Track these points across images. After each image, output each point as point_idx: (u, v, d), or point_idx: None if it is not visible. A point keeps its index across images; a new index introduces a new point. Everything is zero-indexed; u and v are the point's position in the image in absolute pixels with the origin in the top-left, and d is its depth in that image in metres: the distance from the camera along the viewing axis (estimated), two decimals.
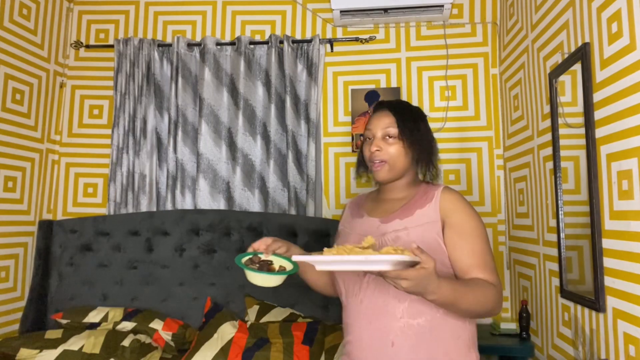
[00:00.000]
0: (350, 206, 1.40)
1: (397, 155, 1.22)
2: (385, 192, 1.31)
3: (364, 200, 1.38)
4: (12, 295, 2.33)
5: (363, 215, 1.29)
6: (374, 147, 1.23)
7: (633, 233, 1.26)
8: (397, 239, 1.16)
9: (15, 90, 2.33)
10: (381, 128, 1.24)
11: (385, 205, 1.27)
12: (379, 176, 1.24)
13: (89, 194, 2.64)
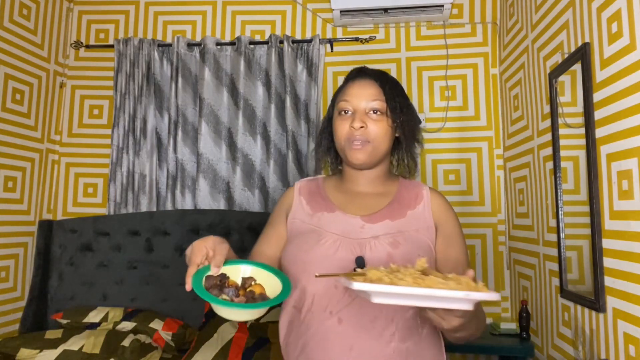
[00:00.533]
0: (303, 193, 1.11)
1: (382, 135, 1.02)
2: (355, 182, 1.09)
3: (323, 188, 1.11)
4: (12, 295, 2.33)
5: (334, 210, 1.04)
6: (358, 123, 1.00)
7: (633, 233, 1.26)
8: (395, 244, 0.96)
9: (15, 90, 2.33)
10: (366, 100, 1.02)
11: (363, 201, 1.06)
12: (358, 158, 1.01)
13: (89, 194, 2.64)
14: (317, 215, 1.04)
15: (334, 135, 1.08)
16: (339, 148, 1.06)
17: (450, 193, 2.46)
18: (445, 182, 2.48)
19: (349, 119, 1.03)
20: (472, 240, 2.42)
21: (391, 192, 1.08)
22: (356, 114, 1.02)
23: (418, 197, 1.07)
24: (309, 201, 1.08)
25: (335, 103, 1.08)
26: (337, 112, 1.06)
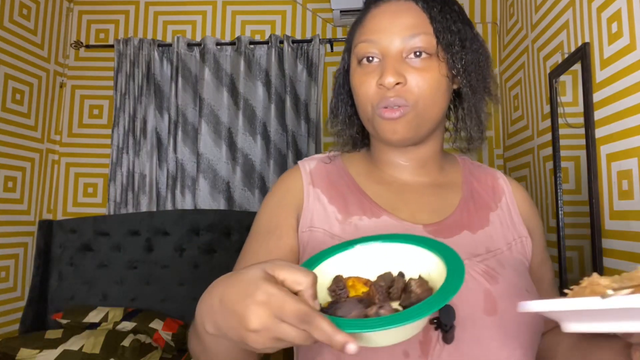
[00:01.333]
0: (318, 182, 0.72)
1: (434, 92, 0.65)
2: (396, 167, 0.73)
3: (349, 175, 0.74)
4: (12, 295, 2.33)
5: (379, 213, 0.67)
6: (391, 77, 0.63)
7: (633, 233, 1.26)
8: (492, 276, 0.61)
9: (15, 90, 2.32)
10: (401, 35, 0.65)
11: (418, 197, 0.71)
12: (397, 132, 0.65)
13: (89, 194, 2.64)
14: (352, 222, 0.66)
15: (353, 97, 0.71)
16: (362, 116, 0.70)
17: None
18: None
19: (375, 71, 0.66)
20: None
21: (455, 183, 0.74)
22: (387, 62, 0.65)
23: (496, 190, 0.75)
24: (333, 197, 0.69)
25: (352, 46, 0.70)
26: (355, 60, 0.69)
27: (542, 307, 0.44)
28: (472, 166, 0.80)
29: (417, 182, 0.73)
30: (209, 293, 0.45)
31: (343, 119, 0.78)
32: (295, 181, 0.73)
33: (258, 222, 0.72)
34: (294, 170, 0.75)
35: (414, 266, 0.54)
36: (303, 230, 0.68)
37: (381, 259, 0.55)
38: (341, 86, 0.78)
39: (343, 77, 0.77)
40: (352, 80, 0.70)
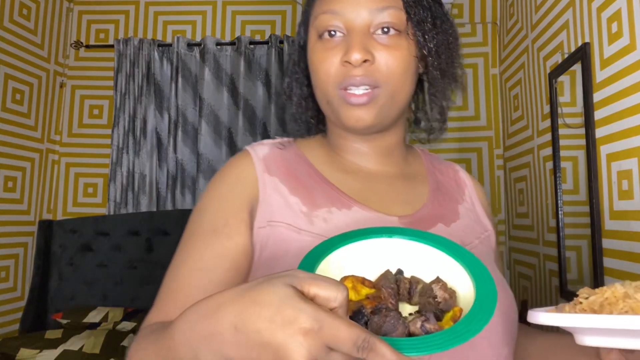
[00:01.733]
0: (274, 169, 0.63)
1: (402, 71, 0.59)
2: (359, 155, 0.67)
3: (309, 166, 0.65)
4: (12, 295, 2.33)
5: (349, 204, 0.60)
6: (358, 53, 0.56)
7: (633, 233, 1.26)
8: None
9: (15, 90, 2.32)
10: (369, 8, 0.58)
11: (387, 186, 0.66)
12: (361, 119, 0.59)
13: (89, 194, 2.64)
14: (320, 215, 0.58)
15: (311, 76, 0.63)
16: (320, 98, 0.62)
17: None
18: None
19: (339, 47, 0.59)
20: None
21: (420, 174, 0.71)
22: (353, 36, 0.57)
23: (459, 183, 0.73)
24: (294, 186, 0.61)
25: (311, 18, 0.62)
26: (314, 34, 0.61)
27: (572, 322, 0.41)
28: (432, 158, 0.77)
29: (384, 172, 0.67)
30: (210, 316, 0.35)
31: (298, 101, 0.70)
32: (246, 169, 0.62)
33: (199, 218, 0.60)
34: (242, 157, 0.64)
35: (415, 264, 0.50)
36: (260, 226, 0.58)
37: (376, 255, 0.50)
38: (296, 64, 0.69)
39: (298, 54, 0.68)
40: (311, 57, 0.61)
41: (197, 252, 0.57)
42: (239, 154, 0.66)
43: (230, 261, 0.57)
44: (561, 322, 0.41)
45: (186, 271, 0.57)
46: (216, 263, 0.56)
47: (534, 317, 0.44)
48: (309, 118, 0.71)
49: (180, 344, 0.38)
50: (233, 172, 0.63)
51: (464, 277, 0.49)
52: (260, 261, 0.57)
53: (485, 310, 0.42)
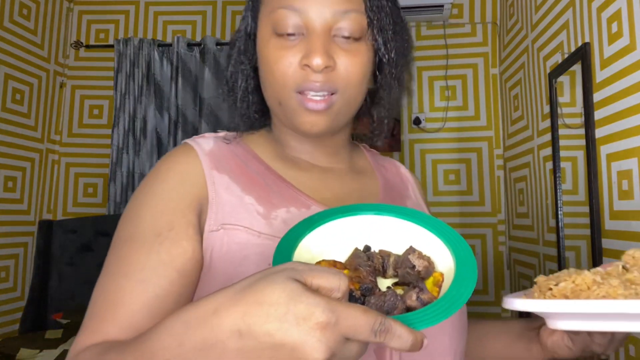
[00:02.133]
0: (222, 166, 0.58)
1: (360, 79, 0.57)
2: (308, 152, 0.65)
3: (261, 162, 0.61)
4: (12, 295, 2.33)
5: (308, 203, 0.58)
6: (322, 58, 0.53)
7: (633, 233, 1.26)
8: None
9: (15, 90, 2.32)
10: (332, 9, 0.55)
11: (340, 183, 0.65)
12: (316, 125, 0.57)
13: (89, 194, 2.64)
14: (279, 216, 0.55)
15: (260, 72, 0.60)
16: (271, 97, 0.59)
17: (450, 193, 2.46)
18: (445, 182, 2.48)
19: (298, 47, 0.55)
20: (472, 240, 2.42)
21: (368, 169, 0.70)
22: (314, 38, 0.54)
23: (403, 180, 0.74)
24: (247, 185, 0.57)
25: (266, 9, 0.58)
26: (269, 28, 0.57)
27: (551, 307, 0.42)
28: (374, 154, 0.76)
29: (336, 168, 0.65)
30: (203, 324, 0.33)
31: (243, 94, 0.64)
32: (191, 165, 0.56)
33: (137, 222, 0.52)
34: (184, 151, 0.58)
35: (380, 238, 0.51)
36: (212, 230, 0.53)
37: (340, 235, 0.50)
38: (242, 53, 0.63)
39: (245, 43, 0.63)
40: (264, 53, 0.57)
41: (138, 261, 0.50)
42: (178, 148, 0.59)
43: (178, 270, 0.50)
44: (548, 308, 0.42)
45: (125, 283, 0.49)
46: (161, 273, 0.49)
47: (511, 304, 0.45)
48: (254, 113, 0.65)
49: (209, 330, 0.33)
50: (175, 168, 0.56)
51: (435, 242, 0.49)
52: (213, 268, 0.51)
53: (469, 272, 0.43)
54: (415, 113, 2.53)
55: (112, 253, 0.53)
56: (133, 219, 0.53)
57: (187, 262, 0.51)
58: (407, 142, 2.54)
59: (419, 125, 2.51)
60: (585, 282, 0.43)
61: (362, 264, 0.46)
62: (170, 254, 0.50)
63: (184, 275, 0.51)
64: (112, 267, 0.52)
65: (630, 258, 0.46)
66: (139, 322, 0.47)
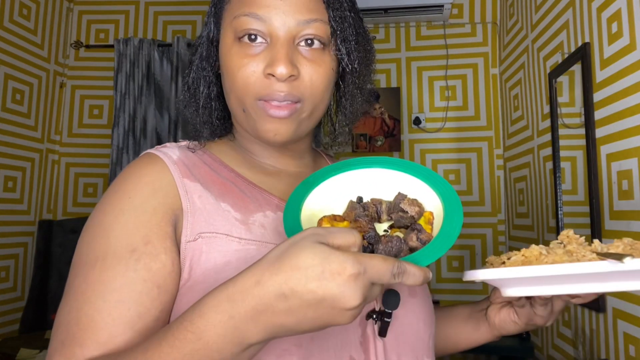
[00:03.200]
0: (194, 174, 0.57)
1: (324, 88, 0.58)
2: (274, 157, 0.65)
3: (229, 169, 0.61)
4: (12, 295, 2.33)
5: (283, 207, 0.59)
6: (286, 66, 0.53)
7: (633, 233, 1.26)
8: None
9: (15, 90, 2.33)
10: (296, 16, 0.55)
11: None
12: (279, 134, 0.57)
13: (89, 194, 2.64)
14: (256, 220, 0.56)
15: (222, 78, 0.60)
16: (234, 104, 0.58)
17: None
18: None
19: (261, 55, 0.55)
20: (472, 240, 2.42)
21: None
22: (278, 47, 0.54)
23: None
24: (221, 192, 0.57)
25: (228, 15, 0.58)
26: (231, 34, 0.57)
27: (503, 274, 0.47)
28: (331, 158, 0.78)
29: (302, 172, 0.66)
30: (248, 295, 0.37)
31: (205, 101, 0.62)
32: (160, 175, 0.54)
33: (106, 239, 0.50)
34: (151, 161, 0.56)
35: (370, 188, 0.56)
36: (189, 240, 0.52)
37: (332, 191, 0.56)
38: (204, 59, 0.61)
39: (207, 48, 0.61)
40: (226, 59, 0.57)
41: (114, 280, 0.48)
42: (141, 158, 0.57)
43: (159, 286, 0.49)
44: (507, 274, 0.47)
45: (102, 305, 0.47)
46: (142, 290, 0.48)
47: (473, 275, 0.49)
48: (216, 120, 0.63)
49: (217, 336, 0.38)
50: (143, 180, 0.54)
51: (419, 185, 0.55)
52: (192, 278, 0.51)
53: (456, 209, 0.50)
54: (415, 113, 2.54)
55: (78, 275, 0.49)
56: (99, 238, 0.50)
57: (167, 276, 0.50)
58: (407, 142, 2.54)
59: (419, 125, 2.51)
60: (533, 254, 0.49)
61: (359, 215, 0.52)
62: (149, 270, 0.49)
63: (165, 290, 0.50)
64: (82, 289, 0.48)
65: (565, 237, 0.53)
66: (123, 343, 0.46)
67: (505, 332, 0.66)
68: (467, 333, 0.70)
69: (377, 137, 2.54)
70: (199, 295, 0.47)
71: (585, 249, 0.49)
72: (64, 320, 0.48)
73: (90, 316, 0.47)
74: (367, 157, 0.58)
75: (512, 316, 0.64)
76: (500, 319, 0.65)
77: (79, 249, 0.52)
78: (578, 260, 0.47)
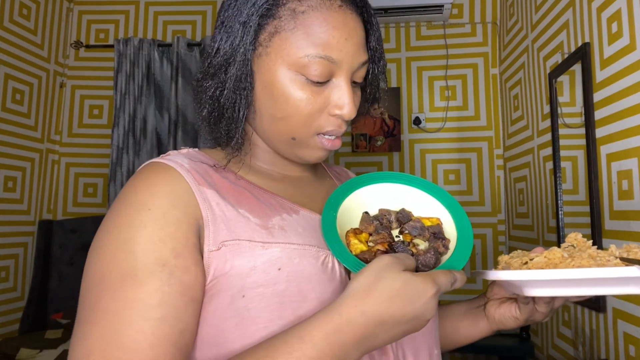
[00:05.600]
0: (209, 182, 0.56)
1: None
2: (282, 165, 0.66)
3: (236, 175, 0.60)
4: (12, 295, 2.33)
5: (296, 209, 0.60)
6: (352, 112, 0.57)
7: (633, 233, 1.26)
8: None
9: (15, 90, 2.32)
10: (357, 59, 0.57)
11: (311, 189, 0.67)
12: (322, 158, 0.62)
13: (89, 194, 2.64)
14: (275, 224, 0.56)
15: (267, 103, 0.57)
16: (282, 133, 0.58)
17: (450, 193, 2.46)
18: (445, 182, 2.48)
19: (326, 93, 0.56)
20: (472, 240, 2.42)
21: (327, 176, 0.75)
22: (345, 89, 0.56)
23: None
24: (238, 199, 0.56)
25: (291, 44, 0.55)
26: (293, 68, 0.55)
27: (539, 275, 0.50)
28: (325, 162, 0.80)
29: (304, 177, 0.68)
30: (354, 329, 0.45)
31: (240, 121, 0.59)
32: (176, 184, 0.53)
33: (132, 256, 0.48)
34: (163, 170, 0.54)
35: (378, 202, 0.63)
36: (212, 249, 0.51)
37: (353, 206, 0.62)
38: (240, 80, 0.57)
39: (241, 68, 0.57)
40: (288, 90, 0.55)
41: (151, 297, 0.46)
42: (151, 168, 0.54)
43: (193, 299, 0.49)
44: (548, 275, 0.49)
45: (143, 324, 0.45)
46: (179, 306, 0.47)
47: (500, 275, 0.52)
48: (240, 137, 0.60)
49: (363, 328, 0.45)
50: (160, 190, 0.51)
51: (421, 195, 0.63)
52: (216, 287, 0.50)
53: (463, 217, 0.61)
54: (415, 113, 2.54)
55: (103, 295, 0.47)
56: (122, 254, 0.48)
57: (199, 289, 0.49)
58: (407, 142, 2.54)
59: (419, 125, 2.51)
60: (556, 257, 0.52)
61: (378, 227, 0.58)
62: (183, 283, 0.48)
63: (198, 302, 0.49)
64: (114, 309, 0.46)
65: (573, 240, 0.57)
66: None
67: (504, 327, 0.67)
68: (464, 329, 0.71)
69: (377, 137, 2.54)
70: (225, 303, 0.49)
71: (603, 252, 0.52)
72: (97, 346, 0.44)
73: (133, 338, 0.44)
74: (380, 174, 0.65)
75: (514, 312, 0.65)
76: (501, 314, 0.66)
77: (95, 267, 0.49)
78: (603, 264, 0.49)
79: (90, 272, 0.49)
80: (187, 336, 0.48)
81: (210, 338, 0.50)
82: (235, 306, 0.49)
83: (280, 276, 0.50)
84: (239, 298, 0.49)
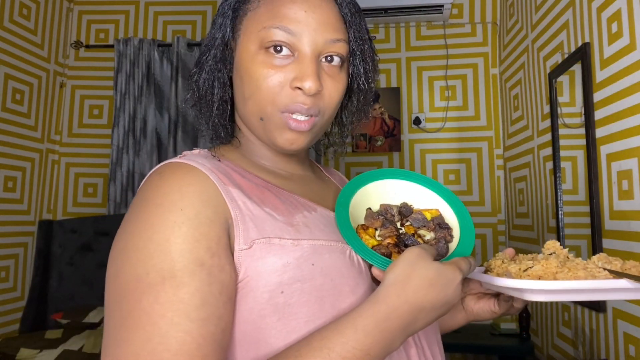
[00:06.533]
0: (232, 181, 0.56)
1: (336, 104, 0.60)
2: (286, 162, 0.66)
3: (251, 174, 0.61)
4: (12, 295, 2.33)
5: (314, 206, 0.61)
6: (315, 82, 0.55)
7: (633, 233, 1.26)
8: None
9: (15, 90, 2.32)
10: (325, 35, 0.57)
11: (316, 187, 0.68)
12: (296, 144, 0.59)
13: (89, 194, 2.64)
14: (299, 221, 0.57)
15: (239, 84, 0.60)
16: (251, 113, 0.59)
17: None
18: (445, 182, 2.48)
19: (287, 67, 0.56)
20: None
21: (324, 175, 0.77)
22: (307, 63, 0.56)
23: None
24: (260, 197, 0.57)
25: (253, 21, 0.58)
26: (255, 43, 0.57)
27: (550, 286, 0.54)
28: (319, 163, 0.83)
29: (307, 175, 0.69)
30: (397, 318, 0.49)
31: (220, 104, 0.61)
32: (204, 184, 0.53)
33: (170, 254, 0.48)
34: (188, 170, 0.54)
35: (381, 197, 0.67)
36: (242, 248, 0.51)
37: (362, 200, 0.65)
38: (219, 61, 0.60)
39: (222, 51, 0.60)
40: (249, 66, 0.57)
41: (194, 297, 0.46)
42: (176, 169, 0.54)
43: (230, 299, 0.49)
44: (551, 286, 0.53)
45: (190, 325, 0.45)
46: (220, 306, 0.48)
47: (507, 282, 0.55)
48: (226, 122, 0.63)
49: (381, 349, 0.48)
50: (190, 190, 0.51)
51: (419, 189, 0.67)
52: (249, 285, 0.51)
53: (460, 207, 0.65)
54: (415, 113, 2.54)
55: (142, 297, 0.46)
56: (158, 254, 0.47)
57: (234, 287, 0.50)
58: (407, 142, 2.54)
59: (419, 125, 2.51)
60: (552, 266, 0.57)
61: (384, 222, 0.62)
62: (221, 282, 0.48)
63: (233, 300, 0.50)
64: (157, 311, 0.45)
65: (552, 247, 0.64)
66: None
67: (480, 319, 0.72)
68: (443, 321, 0.75)
69: (377, 137, 2.54)
70: (262, 299, 0.50)
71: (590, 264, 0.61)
72: (141, 349, 0.44)
73: (181, 339, 0.44)
74: (388, 170, 0.70)
75: (493, 307, 0.69)
76: (480, 308, 0.70)
77: (128, 270, 0.48)
78: (594, 276, 0.57)
79: (123, 274, 0.49)
80: (228, 335, 0.49)
81: (249, 336, 0.51)
82: (274, 302, 0.50)
83: (314, 271, 0.53)
84: (278, 294, 0.51)
